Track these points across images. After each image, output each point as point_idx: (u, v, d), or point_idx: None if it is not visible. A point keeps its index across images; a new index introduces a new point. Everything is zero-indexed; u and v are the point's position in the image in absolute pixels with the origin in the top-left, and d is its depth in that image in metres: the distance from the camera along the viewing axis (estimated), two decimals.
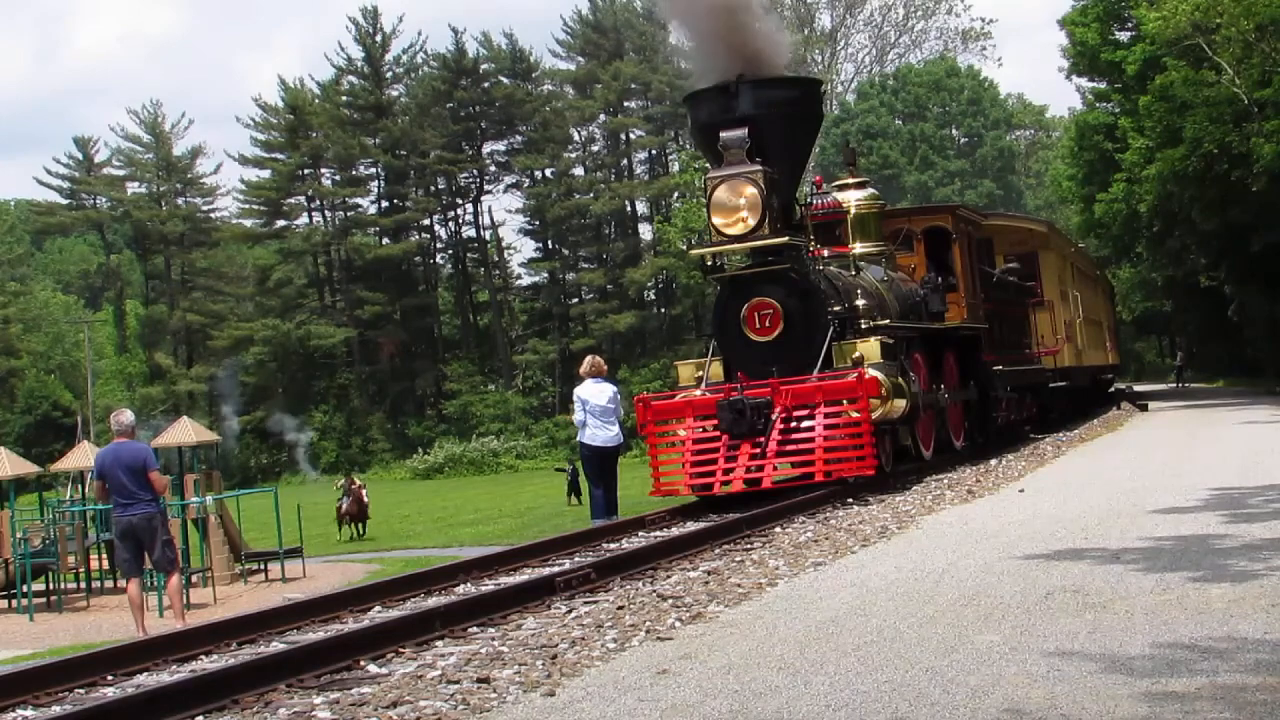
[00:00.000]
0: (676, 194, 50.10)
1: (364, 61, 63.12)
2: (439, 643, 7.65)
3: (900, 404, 14.67)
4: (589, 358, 15.28)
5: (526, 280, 65.26)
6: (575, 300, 62.22)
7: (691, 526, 12.52)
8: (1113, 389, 37.34)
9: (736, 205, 14.45)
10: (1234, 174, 29.56)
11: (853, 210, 17.72)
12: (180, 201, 66.75)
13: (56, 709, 6.79)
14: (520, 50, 63.14)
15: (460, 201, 64.32)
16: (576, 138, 62.42)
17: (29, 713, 6.86)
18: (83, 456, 19.11)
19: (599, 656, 6.60)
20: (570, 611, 8.27)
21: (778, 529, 11.77)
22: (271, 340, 58.63)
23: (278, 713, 6.21)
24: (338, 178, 63.49)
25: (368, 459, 55.25)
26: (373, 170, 63.50)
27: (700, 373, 15.36)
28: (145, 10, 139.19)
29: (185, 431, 17.26)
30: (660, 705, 5.39)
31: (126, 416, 11.89)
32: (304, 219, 64.53)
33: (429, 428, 56.55)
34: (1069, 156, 48.31)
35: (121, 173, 68.04)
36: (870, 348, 14.62)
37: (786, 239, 14.64)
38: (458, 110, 62.33)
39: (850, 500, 13.41)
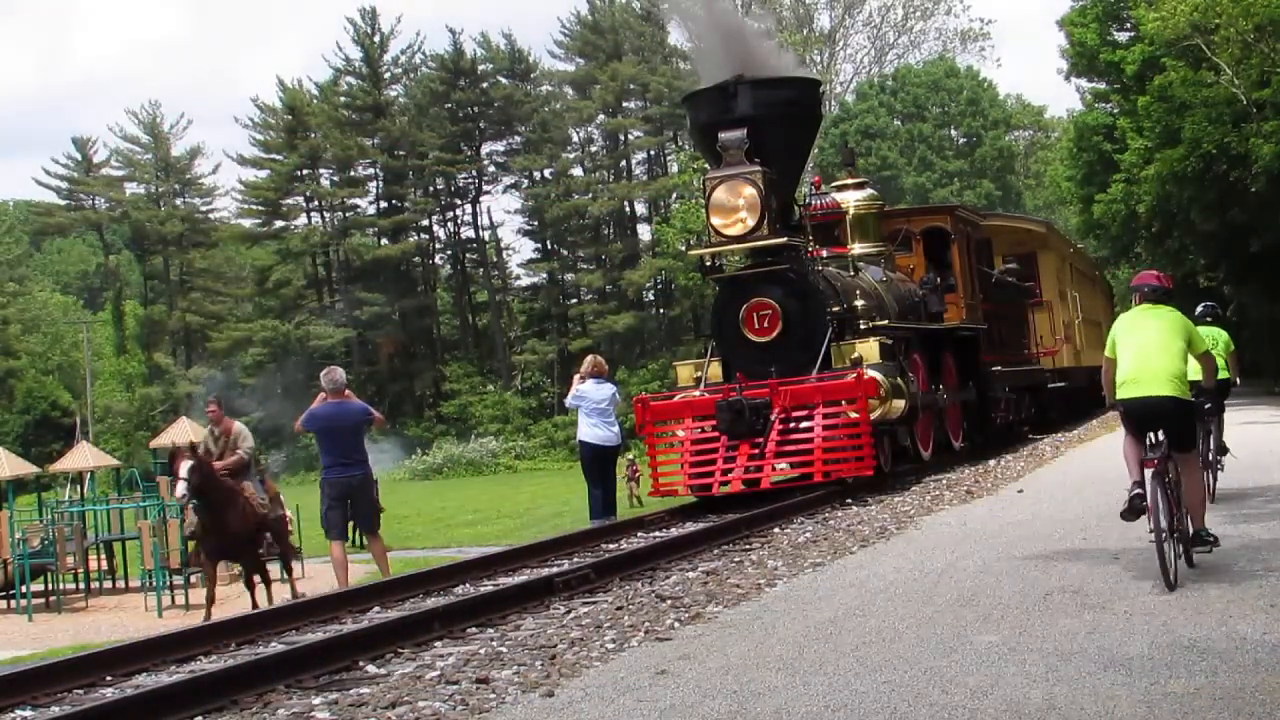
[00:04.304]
0: (675, 194, 50.11)
1: (362, 62, 63.15)
2: (438, 643, 7.64)
3: (899, 404, 14.65)
4: (589, 358, 15.24)
5: (525, 281, 65.42)
6: (574, 301, 62.25)
7: (690, 527, 12.50)
8: None
9: (735, 206, 14.43)
10: (1233, 174, 29.54)
11: (851, 211, 17.69)
12: (179, 202, 66.76)
13: (56, 709, 6.77)
14: (519, 51, 63.26)
15: (459, 202, 64.37)
16: (575, 138, 62.49)
17: (28, 713, 6.85)
18: (81, 457, 19.14)
19: (598, 657, 6.59)
20: (569, 612, 8.26)
21: (776, 529, 11.76)
22: (270, 341, 58.61)
23: (277, 713, 6.20)
24: (336, 178, 63.52)
25: None
26: (371, 171, 63.55)
27: (699, 373, 15.33)
28: (144, 11, 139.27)
29: (185, 431, 17.27)
30: (659, 706, 5.38)
31: (339, 374, 11.81)
32: (302, 219, 64.63)
33: (428, 428, 56.54)
34: (1068, 157, 48.25)
35: (120, 173, 68.13)
36: (869, 348, 14.60)
37: (785, 239, 14.62)
38: (456, 111, 62.35)
39: (849, 501, 13.39)
